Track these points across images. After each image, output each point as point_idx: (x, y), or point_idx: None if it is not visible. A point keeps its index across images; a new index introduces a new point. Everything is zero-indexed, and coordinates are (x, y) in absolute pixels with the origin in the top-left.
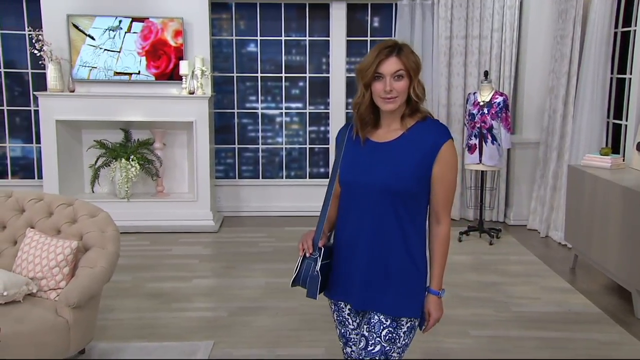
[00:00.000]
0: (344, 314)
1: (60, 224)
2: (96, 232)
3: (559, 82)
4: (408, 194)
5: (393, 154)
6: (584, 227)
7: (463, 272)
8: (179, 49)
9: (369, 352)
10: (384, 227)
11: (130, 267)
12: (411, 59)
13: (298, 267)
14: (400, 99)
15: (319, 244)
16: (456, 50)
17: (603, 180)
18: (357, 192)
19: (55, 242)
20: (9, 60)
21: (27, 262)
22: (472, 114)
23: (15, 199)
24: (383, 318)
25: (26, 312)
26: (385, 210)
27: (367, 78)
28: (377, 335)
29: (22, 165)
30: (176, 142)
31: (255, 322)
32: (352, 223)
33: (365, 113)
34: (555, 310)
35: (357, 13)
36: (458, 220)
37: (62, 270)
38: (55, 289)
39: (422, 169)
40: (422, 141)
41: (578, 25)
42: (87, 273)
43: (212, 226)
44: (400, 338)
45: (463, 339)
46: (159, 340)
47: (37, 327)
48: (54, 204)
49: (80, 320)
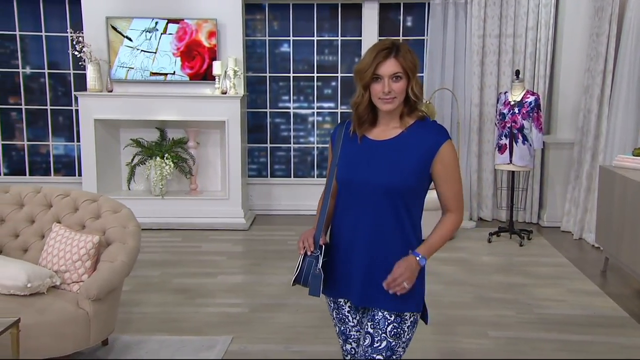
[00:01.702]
0: (343, 311)
1: (84, 219)
2: (118, 227)
3: (594, 81)
4: (407, 191)
5: (393, 152)
6: (615, 229)
7: (489, 273)
8: (213, 49)
9: (375, 348)
10: (383, 224)
11: (160, 262)
12: (408, 59)
13: (299, 266)
14: (398, 99)
15: (319, 242)
16: (489, 49)
17: (633, 181)
18: (356, 189)
19: (78, 236)
20: (53, 61)
21: (52, 255)
22: (503, 113)
23: (44, 195)
24: (387, 314)
25: (49, 303)
26: (385, 207)
27: (366, 79)
28: (382, 332)
29: (65, 163)
30: (209, 141)
31: (275, 318)
32: (351, 220)
33: (364, 112)
34: (580, 313)
35: (390, 13)
36: (490, 222)
37: (85, 264)
38: (78, 282)
39: (421, 166)
40: (422, 140)
41: (614, 23)
42: (107, 267)
43: (243, 224)
44: (404, 333)
45: (481, 339)
46: (180, 334)
47: (58, 318)
48: (80, 200)
49: (101, 312)
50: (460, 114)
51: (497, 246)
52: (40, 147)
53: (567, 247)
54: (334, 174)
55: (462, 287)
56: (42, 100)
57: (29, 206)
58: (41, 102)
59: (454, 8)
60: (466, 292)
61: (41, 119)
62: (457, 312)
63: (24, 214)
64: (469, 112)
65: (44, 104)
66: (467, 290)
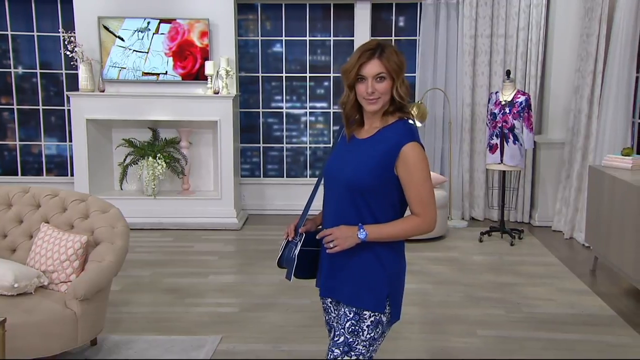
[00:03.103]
0: (327, 301)
1: (73, 219)
2: (106, 227)
3: (584, 82)
4: (366, 189)
5: (362, 150)
6: (603, 228)
7: (480, 273)
8: (205, 49)
9: (335, 342)
10: (344, 219)
11: (151, 262)
12: (393, 60)
13: (282, 250)
14: (382, 99)
15: (299, 230)
16: (481, 49)
17: (621, 181)
18: (328, 184)
19: (66, 236)
20: (45, 61)
21: (40, 255)
22: (494, 113)
23: (32, 195)
24: (347, 310)
25: (36, 303)
26: (346, 203)
27: (350, 80)
28: (342, 327)
29: (57, 163)
30: (202, 141)
31: (265, 318)
32: (326, 214)
33: (351, 112)
34: (569, 312)
35: (382, 13)
36: (482, 221)
37: (72, 264)
38: (66, 282)
39: (381, 166)
40: (386, 141)
41: (604, 23)
42: (95, 267)
43: (236, 224)
44: (363, 331)
45: (470, 338)
46: (170, 334)
47: (45, 318)
48: (68, 200)
49: (89, 312)
50: (452, 113)
51: (488, 245)
52: (32, 147)
53: (558, 247)
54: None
55: (452, 286)
56: (34, 100)
57: (17, 206)
58: (33, 102)
59: (446, 8)
60: (456, 291)
61: (33, 119)
62: (446, 311)
63: (12, 214)
64: (460, 112)
65: (36, 104)
66: (457, 290)
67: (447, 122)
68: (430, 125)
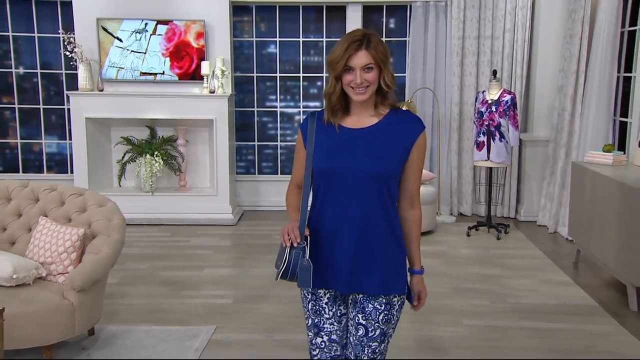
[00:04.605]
0: (321, 302)
1: (70, 213)
2: (103, 220)
3: (567, 81)
4: (391, 176)
5: (375, 140)
6: (585, 222)
7: (466, 265)
8: (201, 50)
9: (370, 337)
10: (369, 211)
11: (148, 256)
12: (379, 50)
13: (286, 259)
14: (371, 88)
15: (304, 233)
16: (469, 50)
17: (602, 176)
18: (338, 178)
19: (64, 229)
20: (45, 61)
21: (39, 247)
22: (481, 111)
23: (31, 189)
24: (377, 305)
25: (34, 294)
26: (371, 193)
27: (338, 71)
28: (375, 322)
29: (57, 160)
30: (198, 139)
31: (258, 309)
32: (334, 210)
33: (337, 102)
34: (552, 302)
35: (373, 15)
36: (470, 216)
37: (70, 256)
38: (64, 273)
39: (404, 154)
40: (402, 127)
41: (586, 24)
42: (92, 259)
43: (231, 219)
44: (394, 317)
45: (456, 327)
46: (165, 324)
47: (43, 308)
48: (66, 194)
49: (85, 303)
50: (440, 112)
51: (475, 240)
52: (33, 145)
53: (542, 240)
54: (306, 165)
55: (440, 278)
56: (34, 99)
57: (16, 200)
58: (34, 102)
59: (435, 10)
60: (444, 282)
61: (34, 118)
62: (434, 301)
63: (11, 208)
64: (449, 110)
65: (36, 103)
66: (444, 281)
67: (436, 120)
68: None
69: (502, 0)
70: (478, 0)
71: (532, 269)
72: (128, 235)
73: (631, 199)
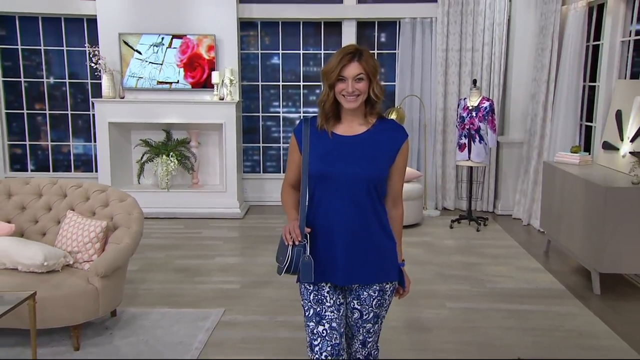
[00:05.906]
0: (323, 292)
1: (95, 207)
2: (123, 214)
3: (539, 89)
4: (382, 179)
5: (366, 147)
6: (555, 215)
7: (449, 254)
8: (212, 61)
9: (364, 320)
10: (362, 211)
11: (165, 246)
12: (370, 63)
13: (289, 256)
14: (361, 97)
15: (304, 231)
16: (452, 61)
17: (570, 175)
18: (333, 181)
19: (89, 222)
20: (73, 72)
21: (66, 238)
22: (462, 117)
23: (59, 186)
24: (371, 292)
25: (63, 279)
26: (363, 195)
27: (332, 80)
28: (369, 306)
29: (83, 160)
30: (209, 141)
31: (262, 293)
32: (329, 210)
33: (329, 109)
34: (525, 286)
35: (366, 30)
36: (452, 210)
37: (94, 246)
38: (88, 261)
39: (390, 159)
40: (389, 137)
41: (556, 39)
42: (114, 248)
43: (238, 213)
44: (386, 301)
45: (439, 310)
46: (179, 307)
47: (70, 292)
48: (91, 190)
49: (108, 287)
50: (426, 117)
51: (457, 231)
52: (62, 147)
53: (517, 232)
54: (301, 166)
55: (425, 265)
56: (63, 106)
57: (46, 196)
58: (63, 108)
59: (421, 26)
60: (428, 270)
61: (63, 123)
62: (419, 287)
63: (42, 203)
64: (434, 116)
65: (65, 109)
66: (429, 269)
67: (422, 124)
68: (407, 127)
69: (482, 17)
70: (460, 17)
71: (508, 257)
72: (146, 228)
73: (595, 195)
